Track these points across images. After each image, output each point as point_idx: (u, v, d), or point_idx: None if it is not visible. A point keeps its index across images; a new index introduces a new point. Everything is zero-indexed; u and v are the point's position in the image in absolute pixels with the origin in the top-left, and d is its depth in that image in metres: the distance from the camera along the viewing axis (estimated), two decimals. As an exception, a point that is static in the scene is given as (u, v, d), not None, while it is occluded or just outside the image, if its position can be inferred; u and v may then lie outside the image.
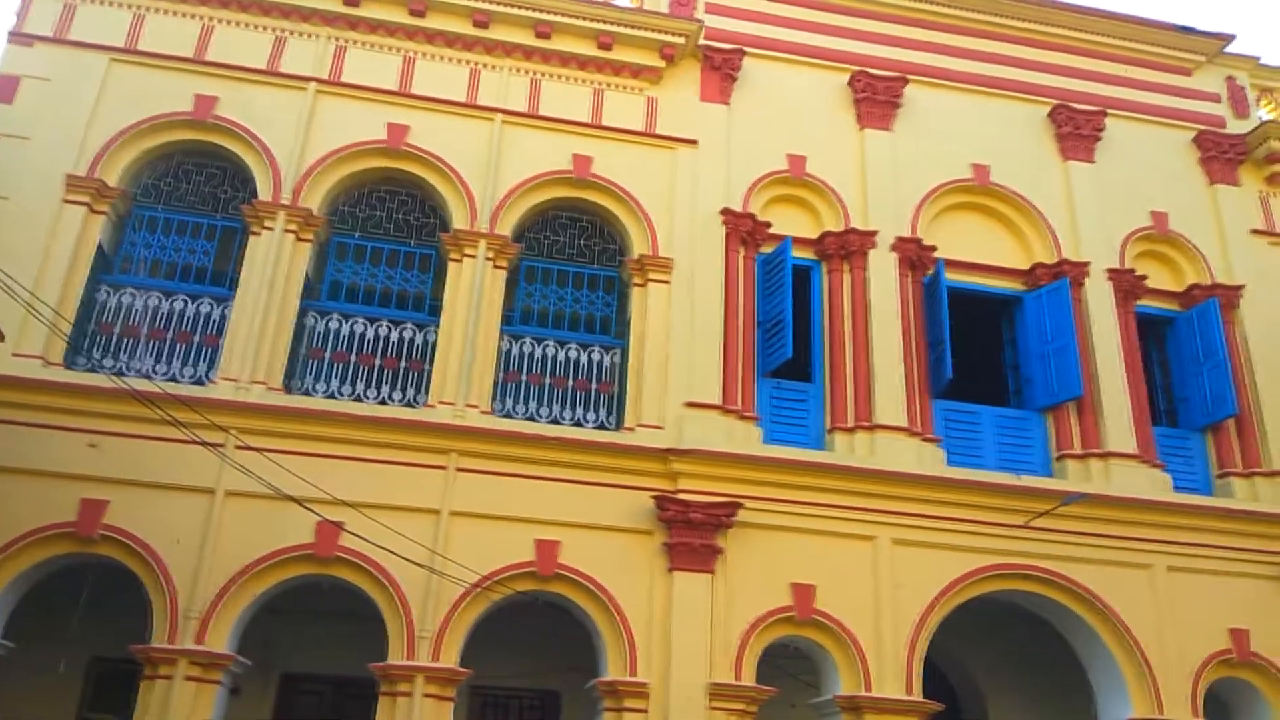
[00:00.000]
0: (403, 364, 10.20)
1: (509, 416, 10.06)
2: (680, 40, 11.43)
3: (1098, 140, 12.26)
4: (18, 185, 9.80)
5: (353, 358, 10.13)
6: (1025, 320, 11.38)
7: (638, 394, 10.18)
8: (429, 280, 10.59)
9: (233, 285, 10.05)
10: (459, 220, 10.53)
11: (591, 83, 11.45)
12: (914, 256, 11.19)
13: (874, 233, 11.13)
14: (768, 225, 11.08)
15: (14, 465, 8.92)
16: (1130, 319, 11.52)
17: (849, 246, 11.11)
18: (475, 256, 10.35)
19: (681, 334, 10.35)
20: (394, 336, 10.29)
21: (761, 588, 9.53)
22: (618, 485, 9.70)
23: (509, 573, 9.26)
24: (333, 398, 9.86)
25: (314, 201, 10.37)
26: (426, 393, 9.95)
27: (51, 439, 9.01)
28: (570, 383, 10.38)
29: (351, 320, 10.29)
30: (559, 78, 11.41)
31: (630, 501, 9.65)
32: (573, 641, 9.86)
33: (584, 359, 10.49)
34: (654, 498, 9.60)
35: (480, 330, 10.11)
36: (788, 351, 10.32)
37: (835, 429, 10.47)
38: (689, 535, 9.46)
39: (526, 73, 11.37)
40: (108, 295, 10.00)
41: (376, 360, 10.16)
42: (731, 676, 9.15)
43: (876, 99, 11.82)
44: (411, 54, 11.20)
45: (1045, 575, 10.06)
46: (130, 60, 10.60)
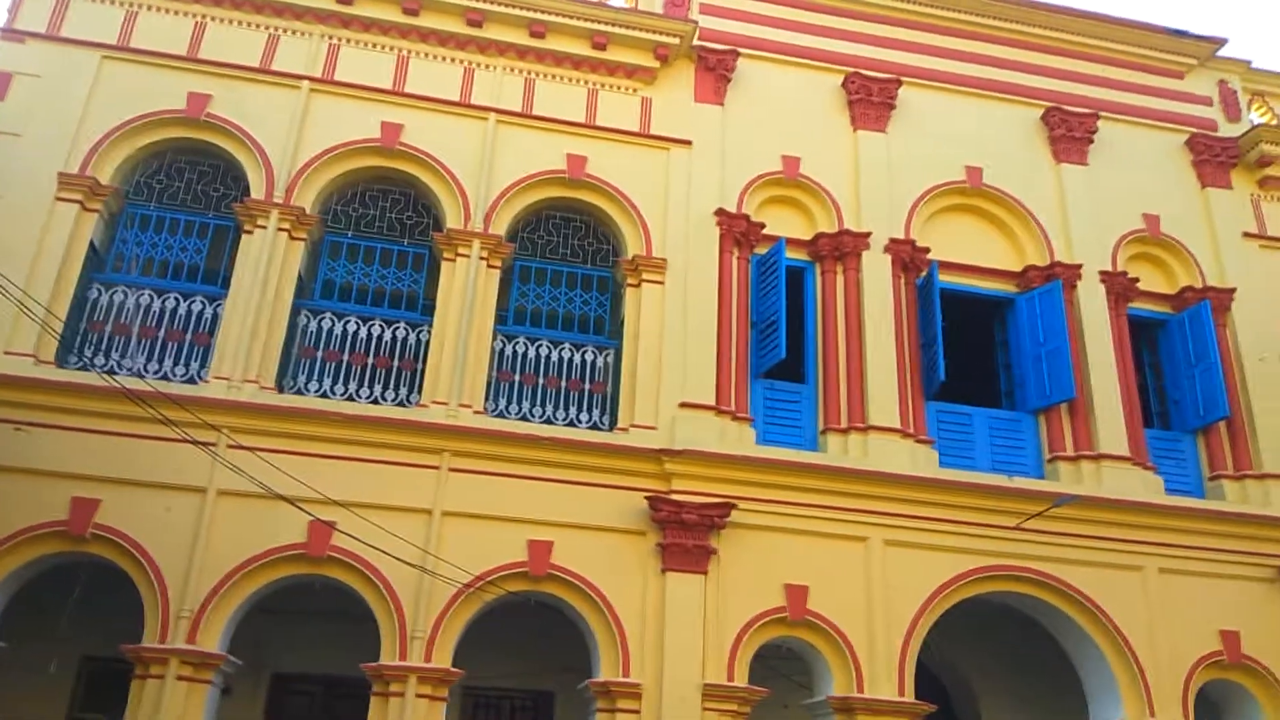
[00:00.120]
0: (396, 363, 10.19)
1: (502, 416, 10.05)
2: (675, 41, 11.44)
3: (1090, 143, 12.30)
4: (10, 182, 9.76)
5: (346, 357, 10.11)
6: (1018, 322, 11.40)
7: (631, 394, 10.18)
8: (422, 279, 10.57)
9: (225, 284, 10.02)
10: (453, 219, 10.51)
11: (586, 82, 11.45)
12: (907, 258, 11.21)
13: (868, 234, 11.14)
14: (762, 226, 11.09)
15: (5, 464, 8.88)
16: (1122, 321, 11.55)
17: (843, 248, 11.12)
18: (469, 256, 10.34)
19: (675, 334, 10.35)
20: (387, 336, 10.27)
21: (754, 588, 9.53)
22: (611, 486, 9.70)
23: (502, 573, 9.24)
24: (325, 397, 9.84)
25: (307, 200, 10.34)
26: (419, 392, 9.94)
27: (43, 437, 8.97)
28: (564, 383, 10.37)
29: (344, 319, 10.27)
30: (553, 77, 11.41)
31: (623, 502, 9.65)
32: (566, 642, 9.85)
33: (578, 359, 10.49)
34: (647, 498, 9.60)
35: (473, 330, 10.10)
36: (781, 352, 10.33)
37: (828, 430, 10.49)
38: (682, 536, 9.47)
39: (521, 72, 11.36)
40: (100, 293, 9.96)
41: (369, 359, 10.14)
42: (724, 677, 9.15)
43: (871, 100, 11.84)
44: (405, 53, 11.18)
45: (1037, 577, 10.09)
46: (123, 57, 10.56)
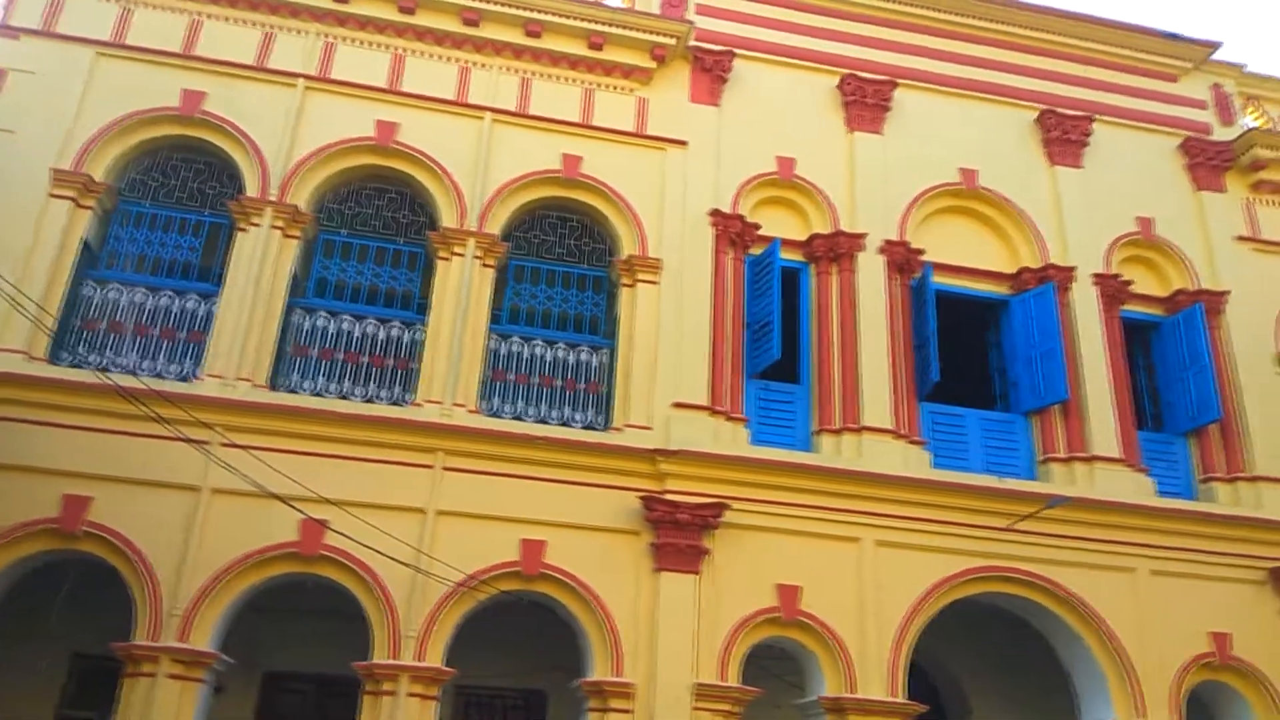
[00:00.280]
0: (390, 362, 10.18)
1: (496, 416, 10.05)
2: (671, 41, 11.44)
3: (1085, 145, 12.33)
4: (3, 179, 9.72)
5: (339, 355, 10.10)
6: (1011, 324, 11.43)
7: (625, 394, 10.19)
8: (417, 278, 10.57)
9: (219, 282, 10.00)
10: (448, 218, 10.51)
11: (582, 82, 11.45)
12: (902, 259, 11.23)
13: (862, 235, 11.16)
14: (757, 227, 11.11)
15: (-4, 460, 8.87)
16: (1115, 324, 11.58)
17: (837, 249, 11.14)
18: (464, 255, 10.34)
19: (670, 335, 10.36)
20: (381, 334, 10.26)
21: (747, 588, 9.54)
22: (605, 485, 9.71)
23: (494, 572, 9.24)
24: (319, 395, 9.83)
25: (301, 198, 10.33)
26: (414, 391, 9.93)
27: (35, 435, 8.94)
28: (558, 382, 10.37)
29: (338, 318, 10.25)
30: (549, 77, 11.40)
31: (617, 502, 9.65)
32: (558, 641, 9.85)
33: (572, 359, 10.49)
34: (641, 498, 9.60)
35: (468, 329, 10.09)
36: (775, 353, 10.35)
37: (822, 430, 10.50)
38: (675, 536, 9.47)
39: (516, 71, 11.35)
40: (93, 290, 9.94)
41: (363, 358, 10.14)
42: (717, 677, 9.16)
43: (866, 102, 11.85)
44: (401, 51, 11.17)
45: (1029, 578, 10.11)
46: (117, 54, 10.54)
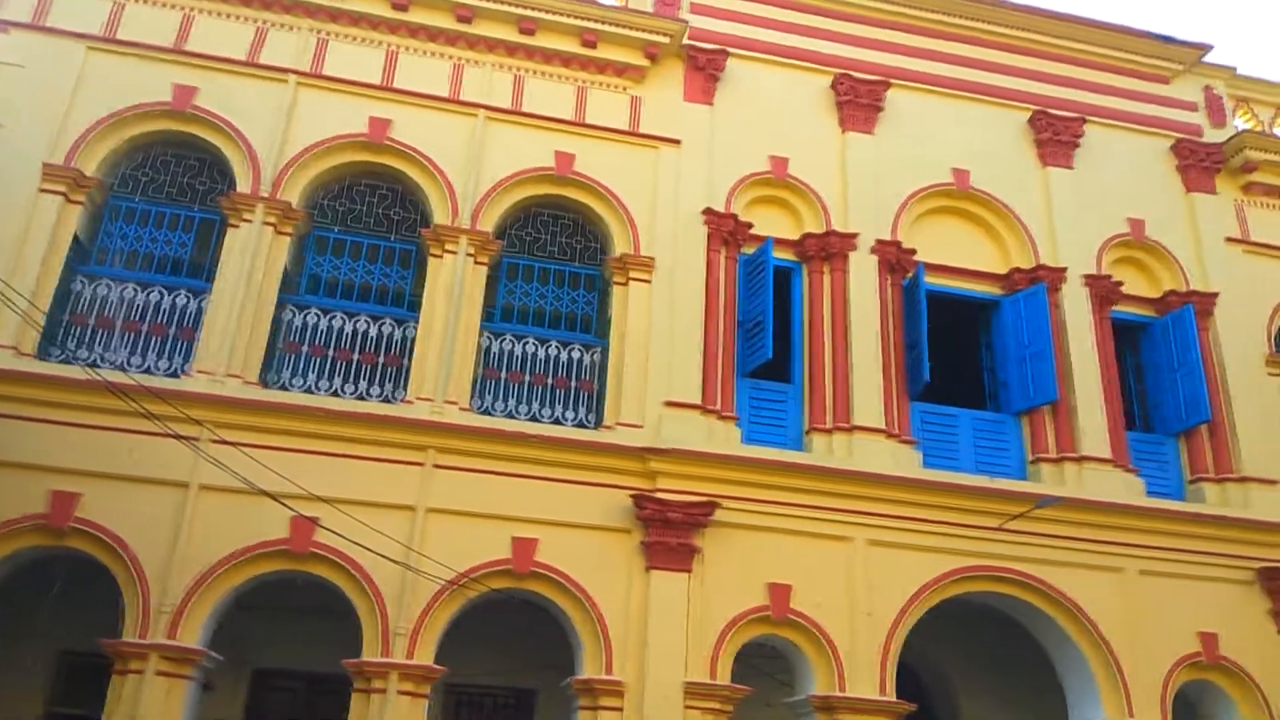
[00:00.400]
0: (381, 359, 10.15)
1: (488, 413, 10.04)
2: (664, 40, 11.43)
3: (1076, 147, 12.36)
4: (-8, 173, 9.70)
5: (331, 352, 10.08)
6: (1002, 324, 11.45)
7: (617, 392, 10.18)
8: (409, 276, 10.55)
9: (210, 278, 9.96)
10: (440, 216, 10.49)
11: (575, 80, 11.43)
12: (894, 259, 11.24)
13: (855, 235, 11.17)
14: (749, 226, 11.11)
15: (-15, 456, 8.82)
16: (1106, 324, 11.61)
17: (830, 248, 11.15)
18: (456, 252, 10.32)
19: (662, 333, 10.36)
20: (373, 332, 10.23)
21: (738, 587, 9.55)
22: (596, 484, 9.70)
23: (485, 570, 9.23)
24: (310, 392, 9.80)
25: (293, 194, 10.30)
26: (405, 389, 9.91)
27: (23, 430, 8.89)
28: (550, 380, 10.36)
29: (330, 315, 10.23)
30: (543, 74, 11.39)
31: (608, 500, 9.65)
32: (549, 639, 9.85)
33: (564, 357, 10.48)
34: (632, 496, 9.60)
35: (460, 326, 10.07)
36: (768, 352, 10.35)
37: (813, 430, 10.51)
38: (666, 534, 9.47)
39: (510, 69, 11.33)
40: (83, 286, 9.89)
41: (355, 355, 10.11)
42: (707, 675, 9.17)
43: (859, 102, 11.86)
44: (394, 48, 11.14)
45: (1018, 577, 10.14)
46: (108, 49, 10.49)
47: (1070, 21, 12.94)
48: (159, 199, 10.36)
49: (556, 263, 10.91)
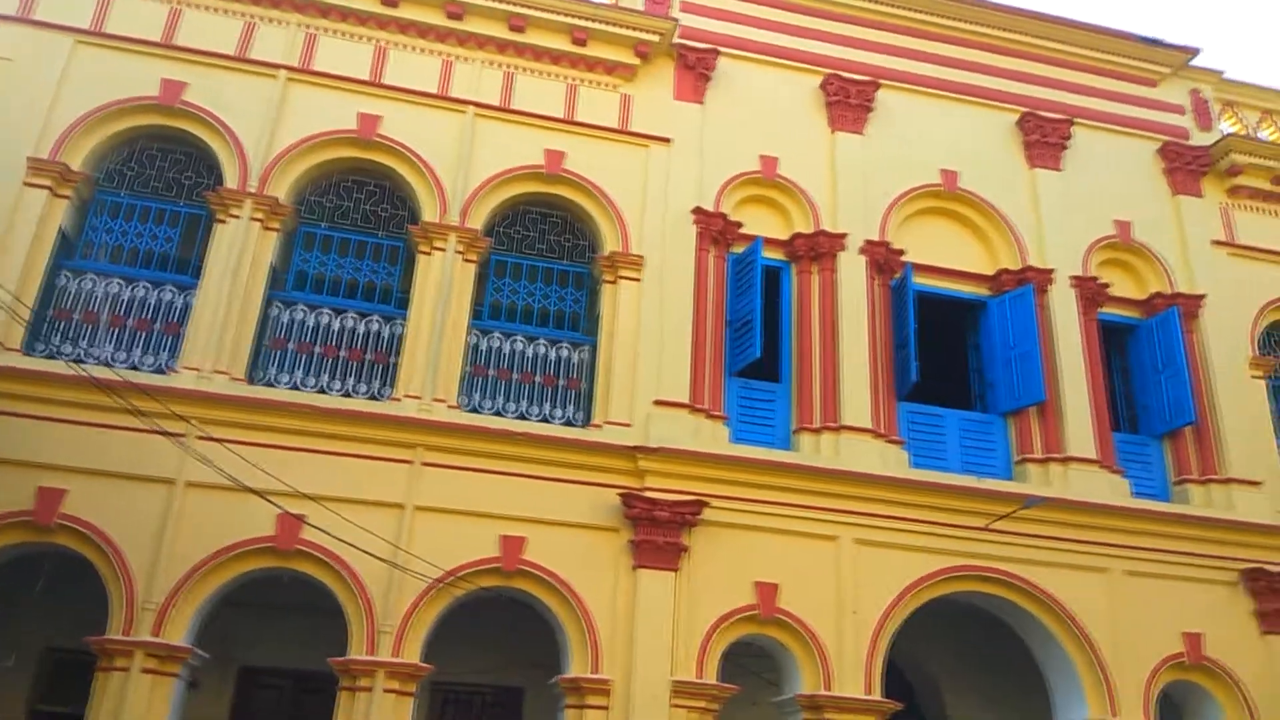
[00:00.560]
0: (369, 356, 10.12)
1: (476, 411, 10.02)
2: (655, 38, 11.43)
3: (1064, 148, 12.42)
4: (-23, 167, 9.62)
5: (318, 349, 10.04)
6: (990, 325, 11.50)
7: (606, 391, 10.17)
8: (397, 272, 10.52)
9: (196, 273, 9.92)
10: (429, 213, 10.46)
11: (565, 78, 11.42)
12: (882, 260, 11.27)
13: (844, 235, 11.20)
14: (739, 225, 11.12)
15: (-32, 452, 8.76)
16: (1093, 326, 11.67)
17: (819, 248, 11.17)
18: (445, 250, 10.29)
19: (651, 332, 10.35)
20: (360, 329, 10.20)
21: (725, 586, 9.56)
22: (584, 482, 9.69)
23: (473, 568, 9.22)
24: (296, 389, 9.76)
25: (281, 190, 10.25)
26: (392, 386, 9.88)
27: (8, 426, 8.83)
28: (538, 378, 10.35)
29: (317, 311, 10.19)
30: (532, 72, 11.37)
31: (596, 498, 9.64)
32: (536, 638, 9.84)
33: (553, 355, 10.47)
34: (620, 495, 9.60)
35: (448, 324, 10.05)
36: (756, 351, 10.36)
37: (801, 429, 10.53)
38: (654, 533, 9.48)
39: (500, 66, 11.31)
40: (68, 280, 9.83)
41: (342, 352, 10.07)
42: (694, 674, 9.17)
43: (849, 102, 11.89)
44: (383, 44, 11.10)
45: (1004, 577, 10.18)
46: (96, 42, 10.42)
47: (1059, 24, 12.99)
48: (145, 194, 10.30)
49: (545, 260, 10.90)
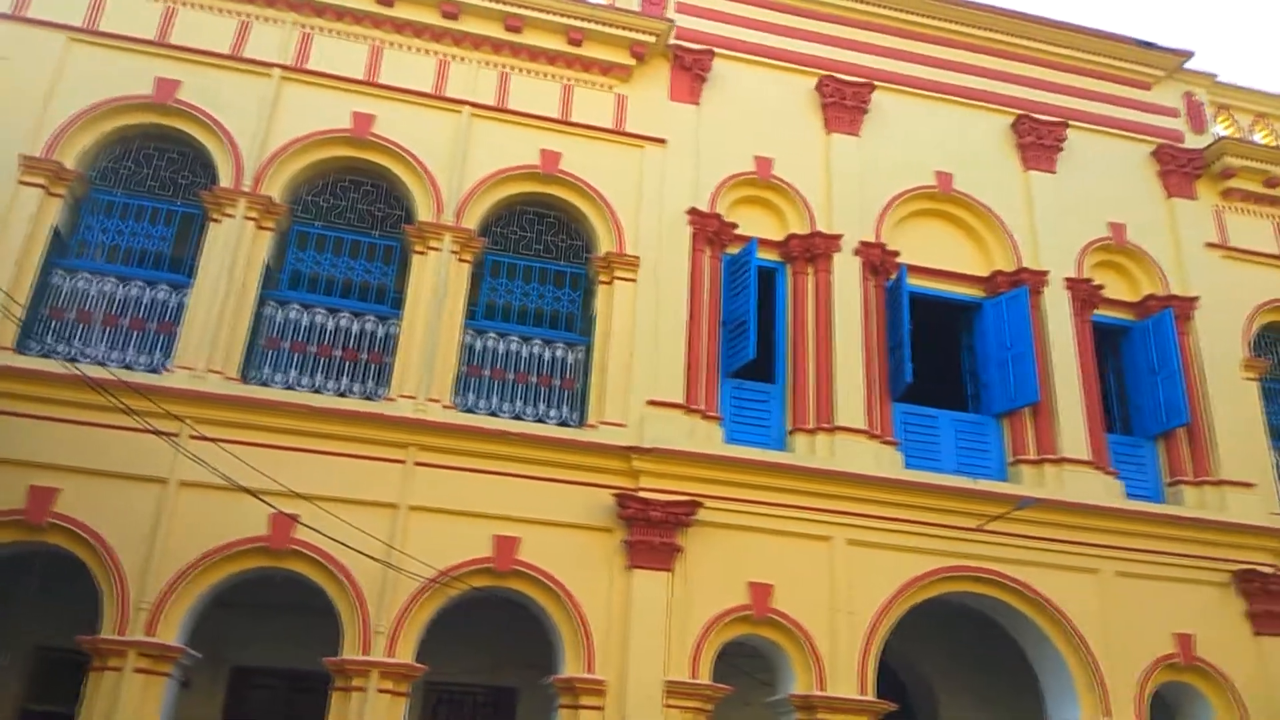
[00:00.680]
0: (363, 356, 10.11)
1: (471, 411, 10.01)
2: (651, 39, 11.43)
3: (1059, 151, 12.44)
4: (-30, 165, 9.59)
5: (312, 348, 10.02)
6: (984, 326, 11.52)
7: (601, 391, 10.17)
8: (392, 272, 10.51)
9: (191, 272, 9.90)
10: (424, 212, 10.45)
11: (561, 78, 11.42)
12: (877, 261, 11.29)
13: (838, 236, 11.21)
14: (734, 226, 11.12)
15: (-40, 451, 8.72)
16: (1087, 328, 11.69)
17: (813, 249, 11.18)
18: (440, 249, 10.28)
19: (646, 332, 10.35)
20: (355, 328, 10.19)
21: (719, 586, 9.56)
22: (579, 482, 9.69)
23: (467, 568, 9.21)
24: (291, 389, 9.75)
25: (276, 189, 10.23)
26: (387, 386, 9.87)
27: (1, 425, 8.79)
28: (533, 378, 10.34)
29: (312, 310, 10.17)
30: (528, 72, 11.36)
31: (591, 499, 9.64)
32: (529, 638, 9.83)
33: (548, 355, 10.46)
34: (615, 495, 9.60)
35: (443, 324, 10.04)
36: (751, 352, 10.37)
37: (796, 430, 10.54)
38: (649, 533, 9.48)
39: (495, 66, 11.30)
40: (62, 279, 9.80)
41: (336, 352, 10.06)
42: (688, 674, 9.17)
43: (844, 104, 11.90)
44: (379, 43, 11.09)
45: (998, 578, 10.19)
46: (90, 40, 10.39)
47: (1054, 26, 13.02)
48: (140, 192, 10.27)
49: (541, 261, 10.89)
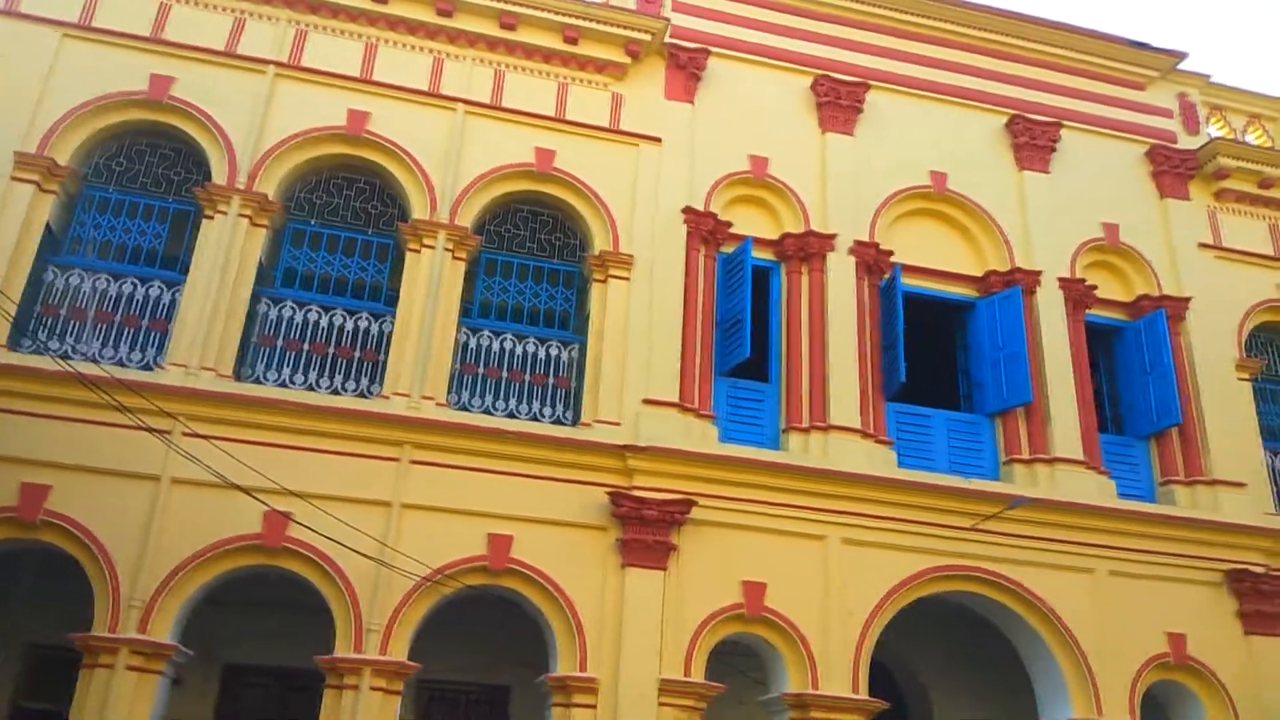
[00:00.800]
0: (357, 354, 10.09)
1: (465, 409, 10.00)
2: (646, 37, 11.43)
3: (1053, 151, 12.47)
4: (-37, 161, 9.55)
5: (306, 346, 10.01)
6: (978, 326, 11.54)
7: (595, 390, 10.17)
8: (386, 270, 10.49)
9: (184, 269, 9.86)
10: (418, 210, 10.44)
11: (556, 76, 11.41)
12: (871, 260, 11.30)
13: (833, 236, 11.22)
14: (729, 225, 11.13)
15: (-48, 448, 8.70)
16: (1080, 327, 11.72)
17: (808, 249, 11.19)
18: (434, 247, 10.27)
19: (640, 331, 10.35)
20: (349, 326, 10.17)
21: (713, 585, 9.56)
22: (573, 481, 9.69)
23: (461, 566, 9.20)
24: (284, 386, 9.73)
25: (270, 186, 10.21)
26: (381, 383, 9.85)
27: (-8, 421, 8.80)
28: (528, 377, 10.34)
29: (306, 308, 10.16)
30: (523, 70, 11.35)
31: (585, 497, 9.64)
32: (523, 636, 9.83)
33: (542, 353, 10.46)
34: (609, 494, 9.60)
35: (437, 322, 10.03)
36: (746, 351, 10.37)
37: (790, 429, 10.55)
38: (643, 531, 9.48)
39: (490, 64, 11.28)
40: (55, 276, 9.77)
41: (330, 349, 10.04)
42: (681, 673, 9.18)
43: (839, 103, 11.91)
44: (373, 40, 11.07)
45: (991, 577, 10.22)
46: (84, 36, 10.35)
47: (1048, 27, 13.04)
48: (133, 189, 10.24)
49: (535, 259, 10.89)
